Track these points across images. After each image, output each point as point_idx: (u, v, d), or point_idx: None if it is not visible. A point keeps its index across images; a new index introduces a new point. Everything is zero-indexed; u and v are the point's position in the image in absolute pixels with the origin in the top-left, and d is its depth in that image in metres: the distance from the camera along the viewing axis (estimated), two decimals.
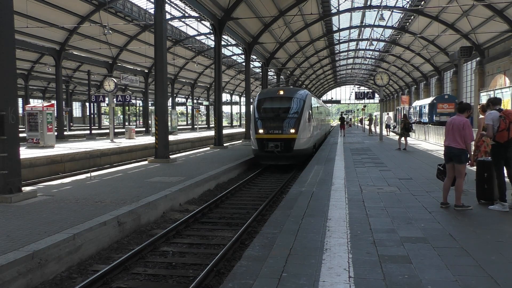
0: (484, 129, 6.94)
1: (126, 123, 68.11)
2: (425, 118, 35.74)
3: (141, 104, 72.54)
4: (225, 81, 56.79)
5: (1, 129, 8.15)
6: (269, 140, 15.40)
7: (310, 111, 16.64)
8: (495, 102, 7.03)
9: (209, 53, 41.41)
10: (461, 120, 6.51)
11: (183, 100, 71.32)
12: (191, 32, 35.51)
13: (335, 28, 38.41)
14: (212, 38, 27.26)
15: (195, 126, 50.52)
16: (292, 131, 15.36)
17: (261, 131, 15.64)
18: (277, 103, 16.42)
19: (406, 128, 18.11)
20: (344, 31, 40.25)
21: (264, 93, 17.49)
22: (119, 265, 5.88)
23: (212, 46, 35.51)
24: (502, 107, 11.37)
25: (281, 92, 16.89)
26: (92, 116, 48.93)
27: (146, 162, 15.83)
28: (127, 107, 70.11)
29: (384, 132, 29.74)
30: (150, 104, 46.53)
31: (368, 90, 49.93)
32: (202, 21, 30.72)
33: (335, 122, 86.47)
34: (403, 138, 18.22)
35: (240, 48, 35.11)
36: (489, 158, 6.79)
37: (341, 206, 6.87)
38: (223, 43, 30.92)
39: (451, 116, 6.89)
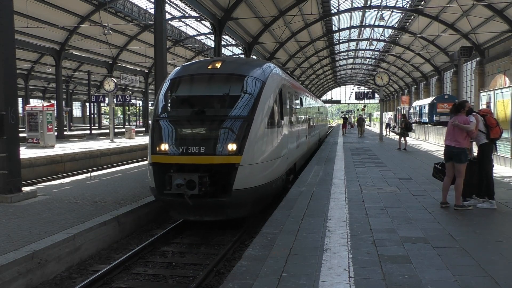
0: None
1: (126, 123, 68.10)
2: (425, 118, 35.73)
3: (141, 104, 72.53)
4: None
5: (1, 129, 8.16)
6: (178, 169, 7.11)
7: (278, 106, 8.40)
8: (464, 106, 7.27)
9: (209, 53, 41.38)
10: (461, 119, 6.54)
11: None
12: (191, 32, 35.52)
13: (335, 28, 38.42)
14: (212, 38, 27.26)
15: None
16: (231, 147, 7.01)
17: (163, 147, 7.23)
18: (204, 88, 8.15)
19: (407, 128, 18.14)
20: (344, 31, 40.26)
21: (184, 69, 8.63)
22: (119, 265, 5.89)
23: (212, 46, 35.49)
24: (502, 107, 11.42)
25: (217, 66, 8.16)
26: (92, 116, 48.93)
27: (146, 162, 15.81)
28: (127, 107, 70.09)
29: (384, 132, 29.71)
30: (150, 104, 46.51)
31: (368, 90, 50.02)
32: (202, 21, 30.71)
33: (335, 123, 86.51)
34: (403, 138, 18.23)
35: (240, 48, 35.09)
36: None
37: (341, 206, 6.87)
38: (223, 43, 30.90)
39: (451, 116, 6.95)
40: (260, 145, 7.43)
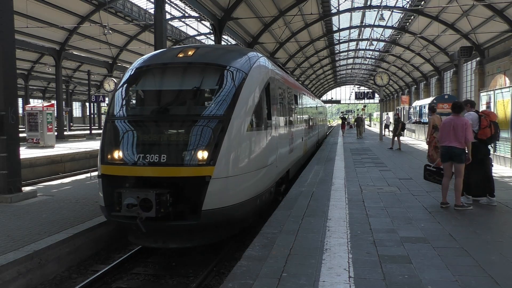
0: (435, 127, 8.81)
1: None
2: (425, 118, 35.69)
3: None
4: None
5: (1, 129, 8.16)
6: (134, 184, 5.80)
7: (265, 103, 7.06)
8: (473, 104, 7.56)
9: None
10: (462, 120, 6.55)
11: None
12: (191, 32, 35.49)
13: (335, 28, 38.42)
14: (212, 38, 27.26)
15: None
16: (201, 155, 5.58)
17: (116, 154, 5.82)
18: (171, 81, 6.72)
19: (402, 128, 18.28)
20: (344, 31, 40.25)
21: (150, 58, 7.06)
22: (119, 265, 5.88)
23: None
24: (502, 107, 11.42)
25: (190, 53, 6.74)
26: (92, 116, 48.92)
27: None
28: None
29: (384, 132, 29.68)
30: None
31: (368, 90, 50.09)
32: (202, 21, 30.70)
33: (335, 123, 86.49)
34: (400, 138, 18.39)
35: None
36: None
37: (341, 206, 6.87)
38: (223, 43, 30.92)
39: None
40: (240, 152, 5.91)
